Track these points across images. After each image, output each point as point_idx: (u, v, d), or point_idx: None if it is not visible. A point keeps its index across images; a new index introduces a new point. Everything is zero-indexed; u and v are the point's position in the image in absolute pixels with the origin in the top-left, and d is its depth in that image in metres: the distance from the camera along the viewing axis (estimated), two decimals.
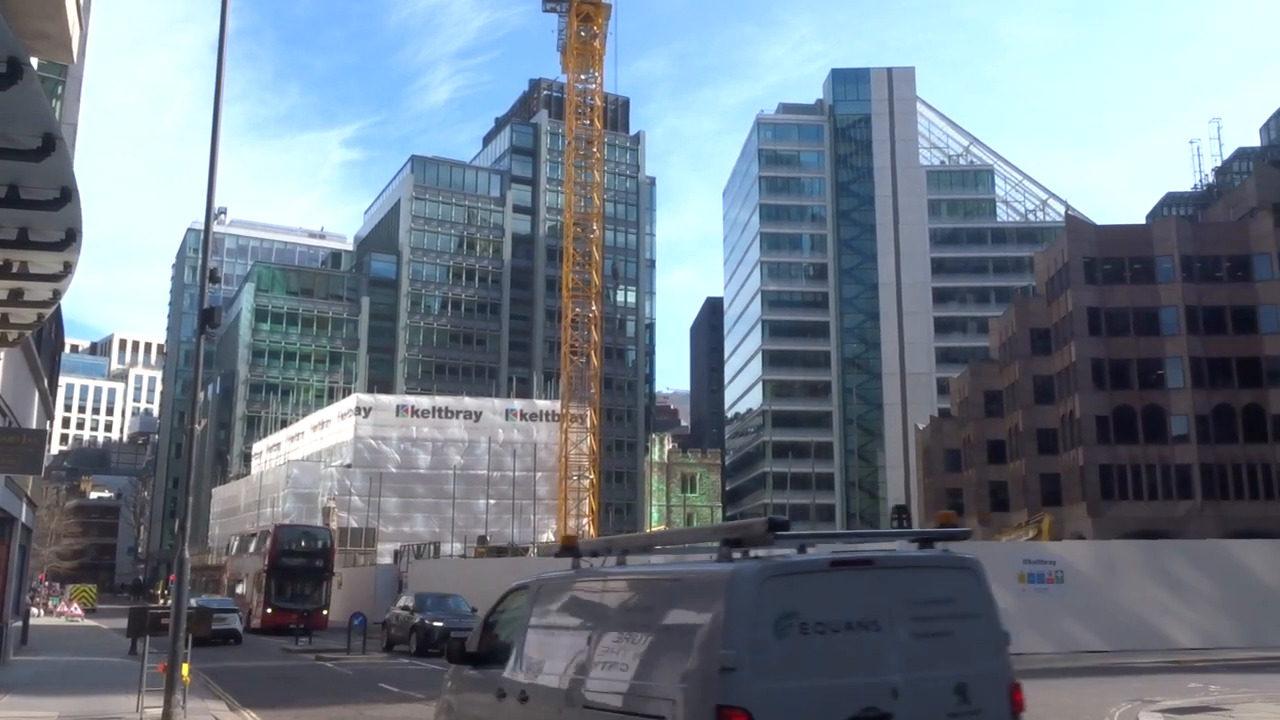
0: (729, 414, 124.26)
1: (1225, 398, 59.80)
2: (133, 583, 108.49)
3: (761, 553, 6.17)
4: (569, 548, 8.00)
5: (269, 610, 40.94)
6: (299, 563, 42.76)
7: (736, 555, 6.18)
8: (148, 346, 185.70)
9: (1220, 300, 60.89)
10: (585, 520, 66.64)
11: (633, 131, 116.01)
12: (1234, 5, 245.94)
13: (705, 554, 6.96)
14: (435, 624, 28.22)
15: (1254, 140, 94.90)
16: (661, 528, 68.18)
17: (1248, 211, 63.58)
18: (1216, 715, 14.35)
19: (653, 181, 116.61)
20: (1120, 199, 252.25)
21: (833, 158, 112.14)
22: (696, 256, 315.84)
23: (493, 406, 72.07)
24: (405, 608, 31.13)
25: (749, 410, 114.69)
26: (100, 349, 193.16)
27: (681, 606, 6.20)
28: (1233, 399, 59.74)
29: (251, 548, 47.54)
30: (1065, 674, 20.84)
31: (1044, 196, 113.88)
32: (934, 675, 5.92)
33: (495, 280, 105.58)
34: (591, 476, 68.29)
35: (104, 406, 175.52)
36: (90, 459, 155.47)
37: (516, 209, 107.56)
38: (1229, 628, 26.20)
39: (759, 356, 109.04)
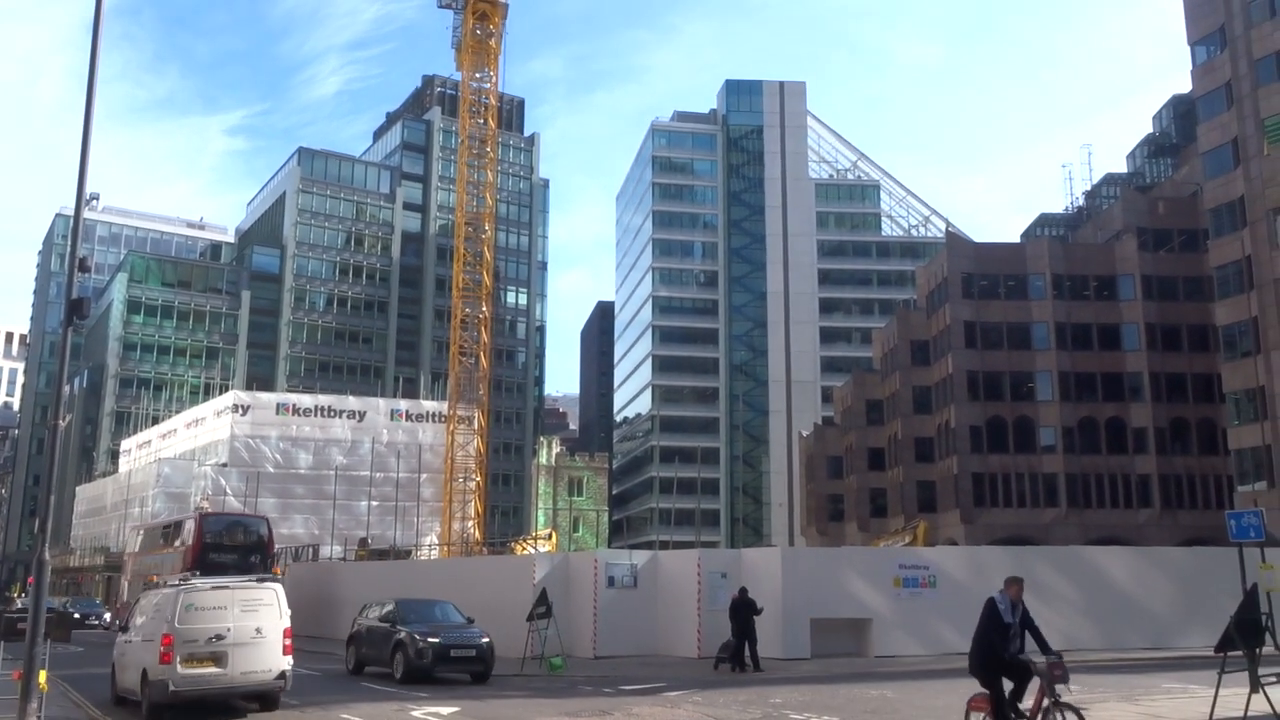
0: (618, 418, 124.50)
1: (1090, 411, 62.69)
2: None
3: (198, 583, 16.43)
4: (150, 584, 17.30)
5: None
6: (231, 559, 35.15)
7: (181, 584, 16.22)
8: (9, 336, 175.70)
9: (1087, 318, 63.84)
10: (471, 523, 65.87)
11: (527, 132, 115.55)
12: (1100, 39, 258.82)
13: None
14: (429, 641, 21.69)
15: (1121, 166, 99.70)
16: (548, 531, 67.65)
17: (1114, 234, 66.75)
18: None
19: (546, 183, 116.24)
20: (997, 218, 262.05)
21: (725, 167, 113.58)
22: (588, 260, 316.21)
23: (377, 406, 70.71)
24: (384, 619, 23.73)
25: (638, 415, 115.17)
26: None
27: (160, 600, 16.22)
28: (1097, 412, 62.66)
29: (165, 542, 39.74)
30: (936, 675, 21.46)
31: (926, 213, 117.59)
32: (247, 624, 15.59)
33: (383, 278, 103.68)
34: (478, 479, 67.57)
35: None
36: None
37: (407, 206, 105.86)
38: (1089, 631, 27.26)
39: (649, 361, 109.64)
